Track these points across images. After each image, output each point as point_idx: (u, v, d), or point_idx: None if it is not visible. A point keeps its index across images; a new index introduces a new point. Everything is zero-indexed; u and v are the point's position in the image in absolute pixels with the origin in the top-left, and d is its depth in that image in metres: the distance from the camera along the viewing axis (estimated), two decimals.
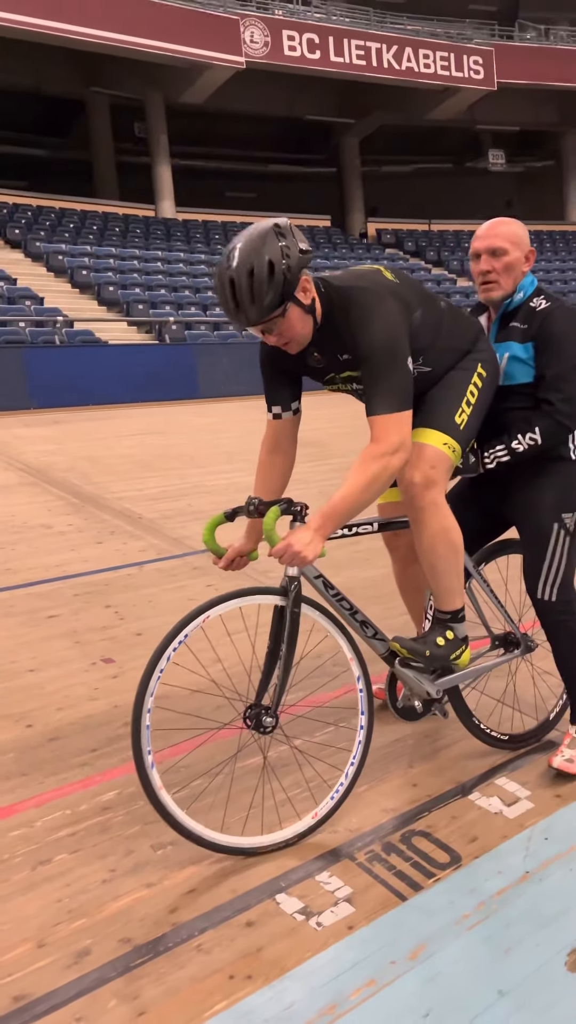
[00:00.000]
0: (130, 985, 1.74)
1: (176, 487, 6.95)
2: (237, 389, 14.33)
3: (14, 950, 1.84)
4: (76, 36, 21.19)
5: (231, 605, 2.09)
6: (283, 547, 1.97)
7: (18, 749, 2.67)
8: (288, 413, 2.35)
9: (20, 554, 4.91)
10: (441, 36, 27.49)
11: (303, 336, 2.09)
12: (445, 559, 2.25)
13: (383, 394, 2.04)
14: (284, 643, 2.12)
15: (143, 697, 1.98)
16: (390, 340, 2.04)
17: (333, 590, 2.24)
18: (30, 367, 12.50)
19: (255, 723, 2.14)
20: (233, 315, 2.02)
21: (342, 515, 2.02)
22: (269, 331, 2.06)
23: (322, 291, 2.11)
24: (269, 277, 1.94)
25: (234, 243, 2.00)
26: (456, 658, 2.34)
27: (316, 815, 2.22)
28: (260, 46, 23.79)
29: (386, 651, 2.34)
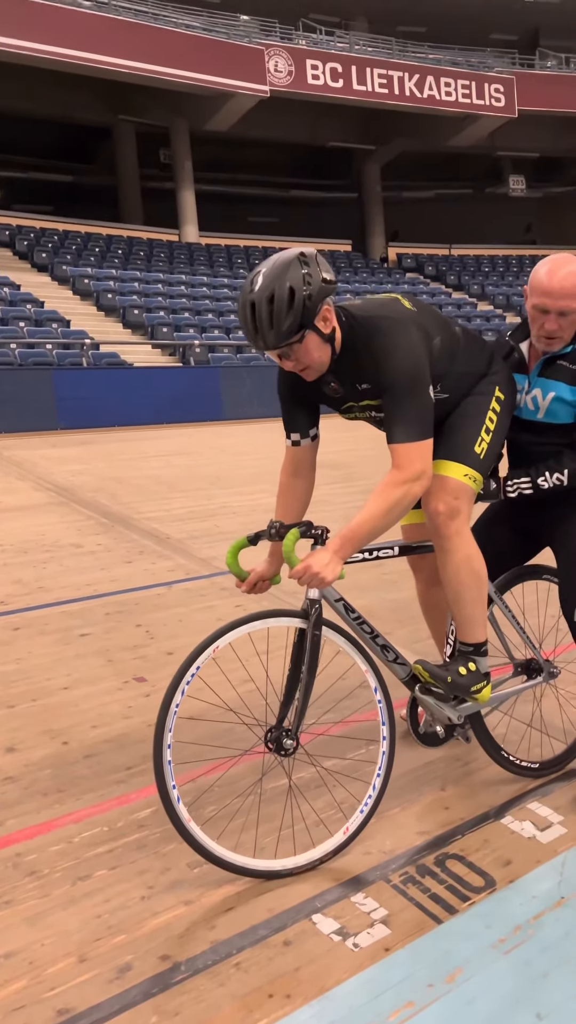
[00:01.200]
0: (172, 1001, 1.76)
1: (203, 507, 7.03)
2: (260, 411, 14.46)
3: (56, 964, 1.86)
4: (105, 66, 21.63)
5: (253, 627, 2.11)
6: (302, 568, 2.00)
7: (55, 765, 2.70)
8: (306, 440, 2.37)
9: (52, 573, 4.98)
10: (462, 65, 27.81)
11: (320, 364, 2.11)
12: (469, 588, 2.28)
13: (406, 422, 2.08)
14: (305, 666, 2.14)
15: (162, 733, 2.00)
16: (414, 369, 2.08)
17: (354, 613, 2.25)
18: (58, 388, 12.69)
19: (276, 746, 2.15)
20: (252, 338, 2.06)
21: (361, 538, 2.05)
22: (286, 356, 2.09)
23: (343, 321, 2.14)
24: (289, 304, 1.98)
25: (259, 268, 2.04)
26: (477, 691, 2.35)
27: (347, 830, 2.23)
28: (284, 75, 24.18)
29: (407, 676, 2.36)
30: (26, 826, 2.37)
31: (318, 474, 2.45)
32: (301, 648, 2.17)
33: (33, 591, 4.58)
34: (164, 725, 2.01)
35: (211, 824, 2.25)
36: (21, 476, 8.84)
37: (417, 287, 26.90)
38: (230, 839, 2.21)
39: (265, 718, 2.31)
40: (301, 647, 2.17)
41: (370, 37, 27.66)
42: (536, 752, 2.64)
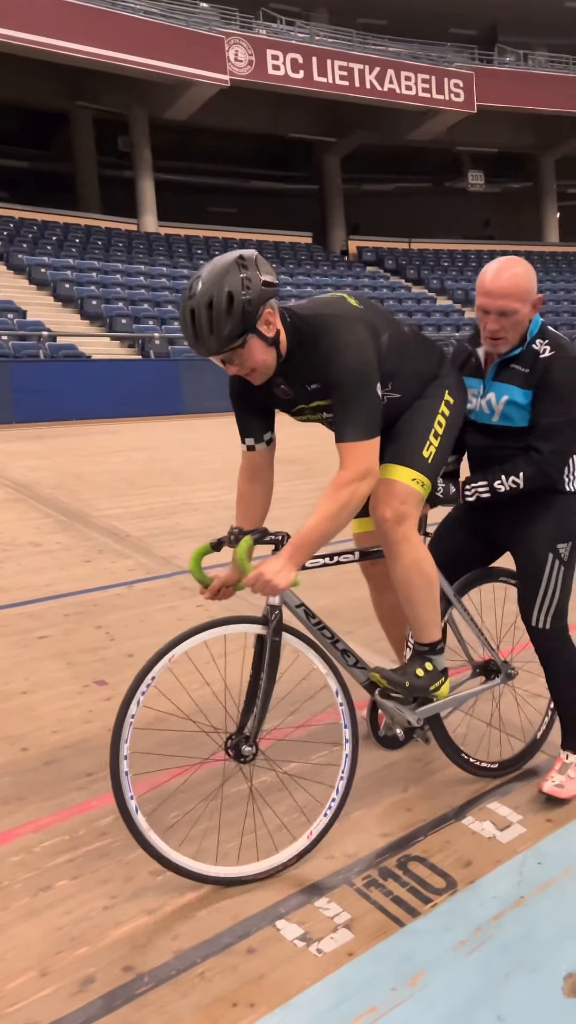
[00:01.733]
0: (135, 1013, 1.75)
1: (163, 504, 6.97)
2: (222, 405, 14.22)
3: (18, 978, 1.84)
4: (60, 51, 21.27)
5: (210, 635, 2.10)
6: (254, 576, 1.99)
7: (14, 772, 2.67)
8: (261, 444, 2.35)
9: (9, 572, 4.90)
10: (422, 59, 27.92)
11: (265, 367, 2.10)
12: (420, 590, 2.29)
13: (352, 421, 2.07)
14: (264, 672, 2.13)
15: (118, 744, 1.98)
16: (361, 366, 2.06)
17: (315, 619, 2.25)
18: (14, 381, 12.48)
19: (235, 752, 2.15)
20: (193, 345, 2.05)
21: (313, 543, 2.04)
22: (230, 361, 2.06)
23: (288, 322, 2.12)
24: (228, 309, 1.96)
25: (198, 273, 2.03)
26: (436, 689, 2.38)
27: (311, 834, 2.24)
28: (244, 65, 24.02)
29: (366, 680, 2.36)
30: None
31: (277, 471, 2.44)
32: (262, 654, 2.16)
33: None
34: (120, 736, 1.99)
35: (172, 832, 2.24)
36: None
37: (377, 281, 26.98)
38: (191, 846, 2.20)
39: (224, 724, 2.30)
40: (262, 653, 2.16)
41: (331, 28, 27.61)
42: (495, 752, 2.67)
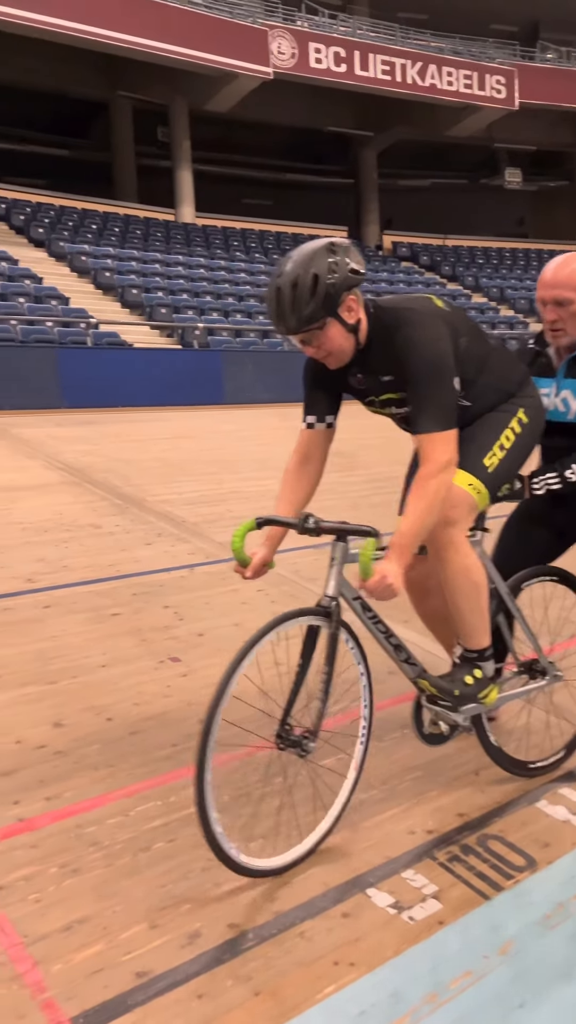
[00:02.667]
0: (244, 966, 1.84)
1: (214, 492, 7.09)
2: (262, 396, 14.49)
3: (129, 930, 1.94)
4: (104, 39, 21.36)
5: (282, 629, 2.10)
6: (378, 580, 1.99)
7: (102, 741, 2.77)
8: (321, 425, 2.35)
9: (74, 552, 5.03)
10: (464, 54, 27.75)
11: (342, 352, 2.13)
12: (468, 598, 2.27)
13: (431, 412, 2.10)
14: (326, 664, 2.13)
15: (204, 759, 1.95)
16: (438, 359, 2.10)
17: (370, 612, 2.24)
18: (62, 367, 12.66)
19: (289, 744, 2.12)
20: (275, 322, 2.09)
21: (413, 541, 2.07)
22: (308, 342, 2.11)
23: (371, 312, 2.16)
24: (311, 290, 2.01)
25: (290, 254, 2.08)
26: (484, 696, 2.36)
27: (322, 829, 2.23)
28: (287, 57, 24.02)
29: (416, 675, 2.34)
30: (83, 799, 2.44)
31: None
32: (311, 645, 2.15)
33: (57, 570, 4.63)
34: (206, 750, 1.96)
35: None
36: (30, 455, 8.85)
37: (412, 276, 26.91)
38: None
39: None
40: (311, 644, 2.15)
41: (373, 23, 27.51)
42: (535, 751, 2.65)
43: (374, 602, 2.17)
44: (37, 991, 1.75)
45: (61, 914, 1.98)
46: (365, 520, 2.15)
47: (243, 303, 20.57)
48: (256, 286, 22.00)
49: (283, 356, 16.77)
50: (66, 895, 2.04)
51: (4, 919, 1.96)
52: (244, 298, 20.94)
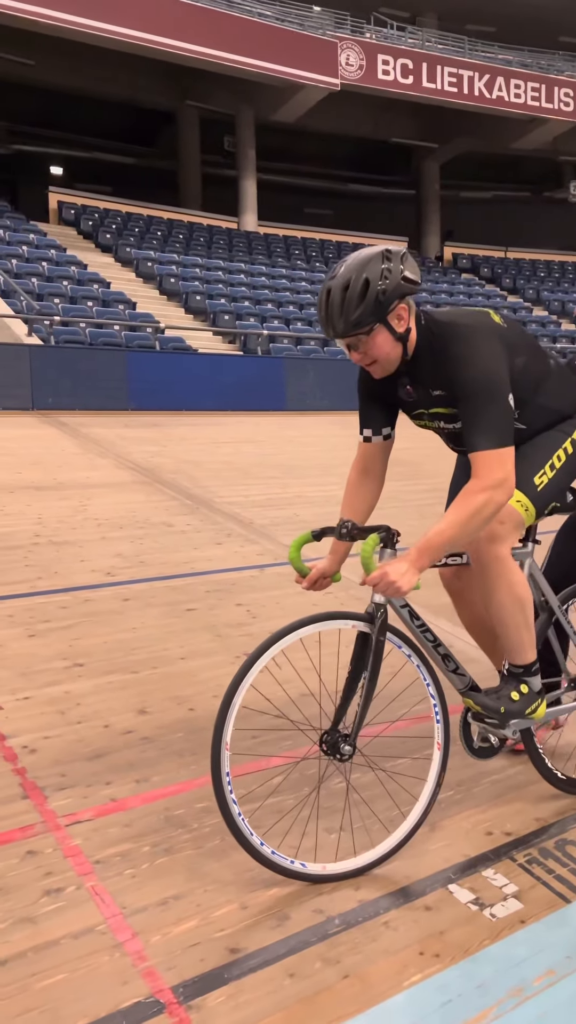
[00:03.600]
0: (332, 950, 1.90)
1: (279, 496, 7.22)
2: (323, 404, 14.63)
3: (222, 908, 2.01)
4: (174, 50, 21.75)
5: (312, 629, 2.09)
6: (378, 576, 1.97)
7: (186, 730, 2.87)
8: (378, 437, 2.33)
9: (149, 548, 5.18)
10: (532, 66, 27.57)
11: (388, 361, 2.11)
12: (513, 613, 2.23)
13: (484, 430, 2.04)
14: (368, 671, 2.11)
15: (221, 733, 2.02)
16: (493, 374, 2.05)
17: (418, 620, 2.21)
18: (131, 370, 12.97)
19: (331, 749, 2.14)
20: (323, 325, 2.09)
21: (439, 548, 2.00)
22: (354, 348, 2.09)
23: (422, 323, 2.13)
24: (362, 295, 2.00)
25: (345, 258, 2.09)
26: (532, 712, 2.33)
27: (394, 840, 2.22)
28: (355, 69, 24.16)
29: (464, 686, 2.32)
30: (170, 783, 2.53)
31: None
32: (363, 652, 2.14)
33: (134, 565, 4.78)
34: (224, 726, 2.04)
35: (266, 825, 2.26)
36: (102, 454, 9.08)
37: (472, 288, 26.78)
38: (274, 840, 2.19)
39: (320, 721, 2.27)
40: (363, 651, 2.14)
41: (440, 34, 27.51)
42: None
43: (423, 611, 2.18)
44: (138, 960, 1.84)
45: (156, 890, 2.06)
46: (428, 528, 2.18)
47: (304, 311, 20.71)
48: (316, 295, 22.14)
49: (343, 365, 16.83)
50: (160, 872, 2.13)
51: (103, 891, 2.05)
52: (305, 307, 21.09)
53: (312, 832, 2.26)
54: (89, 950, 1.85)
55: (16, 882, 2.07)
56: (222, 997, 1.74)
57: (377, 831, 2.28)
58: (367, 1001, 1.78)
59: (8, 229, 19.55)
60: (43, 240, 19.89)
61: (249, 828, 2.05)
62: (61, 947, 1.86)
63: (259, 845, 2.05)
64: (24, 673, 3.31)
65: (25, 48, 21.60)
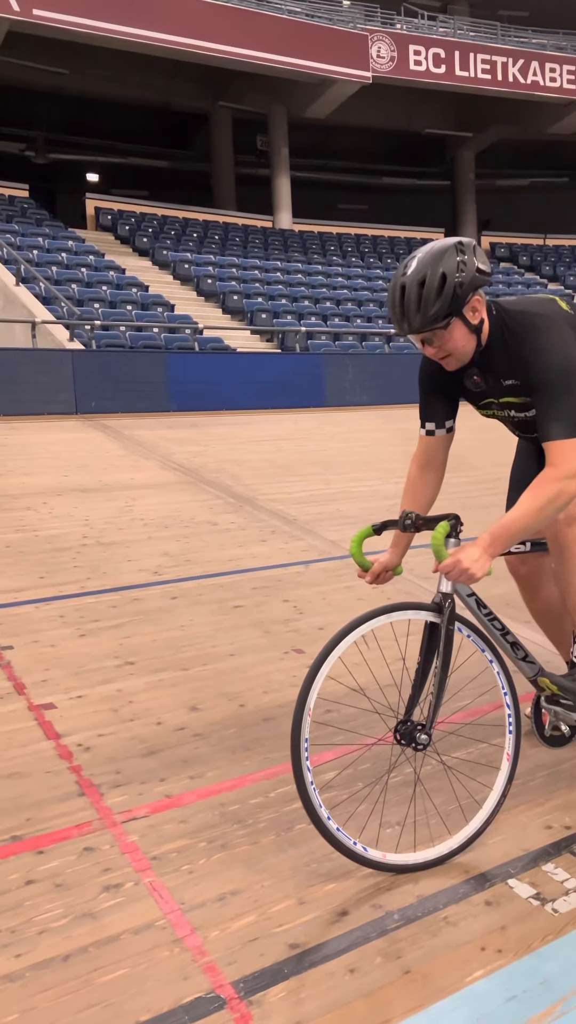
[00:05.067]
0: (392, 946, 1.88)
1: (322, 492, 7.21)
2: (362, 399, 14.63)
3: (279, 904, 2.01)
4: (206, 52, 21.86)
5: (384, 620, 2.10)
6: (451, 563, 1.98)
7: (237, 726, 2.87)
8: (441, 431, 2.34)
9: (195, 547, 5.22)
10: (567, 49, 27.09)
11: (463, 353, 2.12)
12: None
13: (560, 418, 2.04)
14: (439, 660, 2.12)
15: (299, 730, 2.00)
16: (566, 365, 2.05)
17: (485, 609, 2.22)
18: (171, 372, 13.11)
19: (407, 739, 2.14)
20: (398, 321, 2.08)
21: (512, 535, 2.02)
22: (429, 342, 2.09)
23: (493, 314, 2.14)
24: (439, 289, 2.00)
25: (415, 253, 2.08)
26: None
27: (467, 833, 2.21)
28: (386, 61, 24.01)
29: (534, 674, 2.31)
30: (224, 779, 2.54)
31: None
32: (432, 642, 2.15)
33: (181, 563, 4.82)
34: (303, 712, 2.02)
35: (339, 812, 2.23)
36: (146, 455, 9.17)
37: (511, 277, 26.43)
38: (356, 828, 2.20)
39: (398, 709, 2.27)
40: (432, 640, 2.15)
41: (472, 22, 27.19)
42: None
43: (490, 600, 2.16)
44: (198, 955, 1.84)
45: (214, 885, 2.06)
46: (474, 521, 2.15)
47: (341, 307, 20.66)
48: (353, 290, 22.06)
49: (382, 359, 16.76)
50: (216, 868, 2.13)
51: (161, 887, 2.06)
52: (342, 302, 21.03)
53: (383, 820, 2.26)
54: (149, 945, 1.86)
55: (75, 879, 2.09)
56: (283, 992, 1.73)
57: (446, 823, 2.26)
58: (429, 997, 1.75)
59: (47, 237, 19.84)
60: (81, 247, 20.16)
61: (322, 805, 2.05)
62: (121, 942, 1.87)
63: (326, 819, 2.04)
64: (77, 672, 3.34)
65: (58, 58, 21.92)
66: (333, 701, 2.53)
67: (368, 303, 21.13)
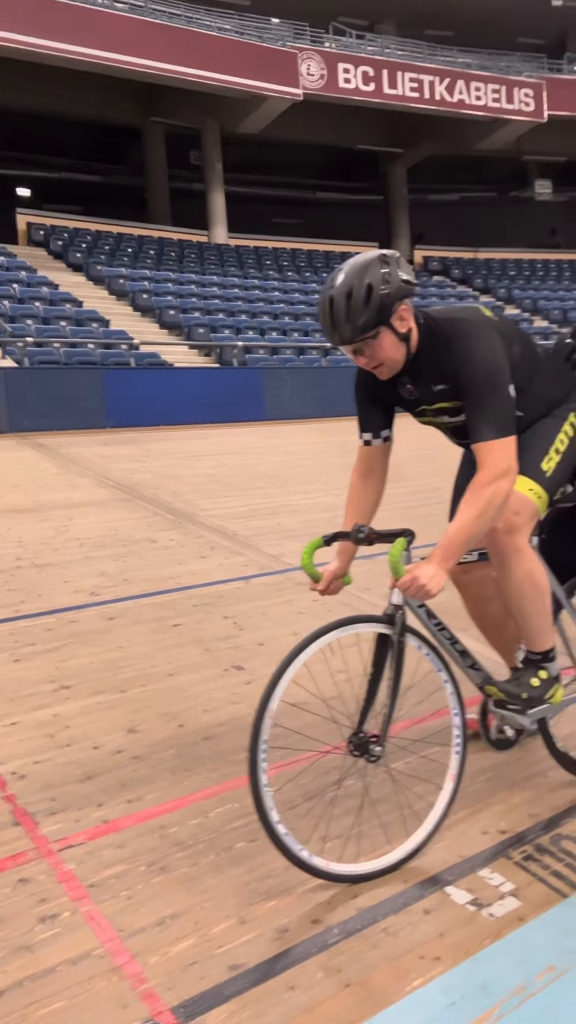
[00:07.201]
0: (332, 960, 1.89)
1: (263, 506, 7.21)
2: (301, 412, 14.75)
3: (220, 924, 2.00)
4: (138, 68, 21.87)
5: (337, 635, 2.12)
6: (409, 580, 2.00)
7: (177, 746, 2.85)
8: (378, 440, 2.38)
9: (133, 566, 5.16)
10: (491, 69, 27.87)
11: (394, 362, 2.16)
12: (532, 602, 2.28)
13: (488, 420, 2.09)
14: (392, 672, 2.14)
15: (256, 751, 2.02)
16: (494, 367, 2.11)
17: (435, 619, 2.26)
18: (107, 388, 12.98)
19: (361, 751, 2.16)
20: (329, 333, 2.13)
21: (460, 545, 2.04)
22: (360, 352, 2.13)
23: (421, 322, 2.18)
24: (366, 300, 2.04)
25: (341, 266, 2.13)
26: (551, 697, 2.37)
27: (415, 841, 2.23)
28: (316, 78, 24.35)
29: (482, 681, 2.36)
30: (163, 801, 2.52)
31: None
32: (382, 654, 2.17)
33: (119, 583, 4.76)
34: (258, 745, 2.03)
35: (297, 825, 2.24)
36: (81, 473, 9.06)
37: (444, 290, 26.95)
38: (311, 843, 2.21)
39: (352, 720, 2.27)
40: (383, 653, 2.17)
41: (400, 41, 27.77)
42: None
43: (440, 610, 2.20)
44: (137, 982, 1.82)
45: (153, 910, 2.04)
46: (416, 531, 2.17)
47: (278, 321, 20.77)
48: (290, 304, 22.22)
49: (321, 372, 16.90)
50: (156, 892, 2.11)
51: (99, 914, 2.03)
52: (279, 316, 21.15)
53: (333, 832, 2.28)
54: (87, 975, 1.83)
55: (10, 911, 2.04)
56: (223, 1015, 1.72)
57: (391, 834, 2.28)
58: (370, 1008, 1.76)
59: None
60: (13, 262, 19.86)
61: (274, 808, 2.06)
62: (58, 974, 1.84)
63: (275, 823, 2.05)
64: (11, 699, 3.28)
65: None
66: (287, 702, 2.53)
67: (305, 317, 21.29)
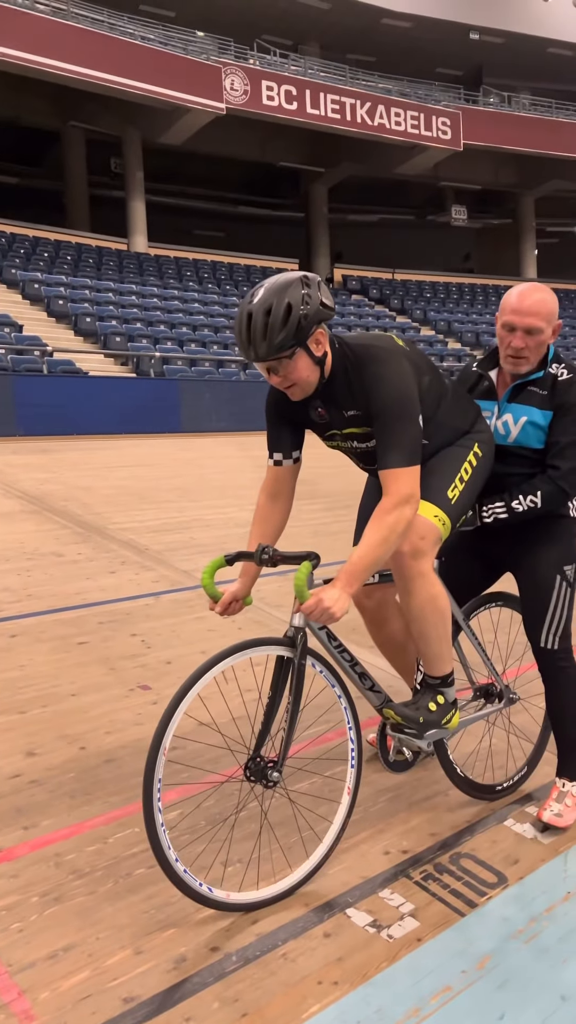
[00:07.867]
0: (229, 989, 1.87)
1: (175, 520, 7.11)
2: (218, 425, 14.68)
3: (115, 956, 1.95)
4: (57, 71, 21.53)
5: (238, 658, 2.09)
6: (313, 603, 2.01)
7: (77, 770, 2.77)
8: (288, 461, 2.38)
9: (38, 581, 5.01)
10: (411, 96, 28.66)
11: (307, 384, 2.15)
12: (434, 626, 2.30)
13: (395, 447, 2.12)
14: (291, 695, 2.14)
15: (152, 778, 1.97)
16: (404, 396, 2.13)
17: (335, 641, 2.28)
18: (18, 395, 12.61)
19: (258, 776, 2.14)
20: (244, 348, 2.10)
21: (364, 570, 2.06)
22: (275, 371, 2.12)
23: (336, 347, 2.19)
24: (284, 319, 2.03)
25: (261, 283, 2.13)
26: (447, 721, 2.39)
27: (314, 859, 2.25)
28: (240, 94, 24.49)
29: (381, 703, 2.37)
30: (60, 827, 2.44)
31: None
32: (281, 676, 2.17)
33: (23, 599, 4.61)
34: (155, 761, 1.98)
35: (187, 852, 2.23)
36: None
37: (362, 309, 27.40)
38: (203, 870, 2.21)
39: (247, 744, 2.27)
40: (282, 675, 2.17)
41: (322, 63, 28.25)
42: (492, 775, 2.72)
43: (341, 632, 2.22)
44: (25, 1019, 1.75)
45: (45, 942, 1.98)
46: (324, 548, 2.20)
47: (197, 333, 20.69)
48: (210, 316, 22.17)
49: (239, 386, 16.92)
50: (49, 923, 2.04)
51: None
52: (198, 328, 21.07)
53: (232, 859, 2.25)
54: None
55: None
56: None
57: (288, 857, 2.28)
58: None
59: None
60: None
61: (171, 847, 2.01)
62: None
63: (174, 862, 2.00)
64: None
65: None
66: (181, 737, 2.49)
67: (224, 330, 21.28)
